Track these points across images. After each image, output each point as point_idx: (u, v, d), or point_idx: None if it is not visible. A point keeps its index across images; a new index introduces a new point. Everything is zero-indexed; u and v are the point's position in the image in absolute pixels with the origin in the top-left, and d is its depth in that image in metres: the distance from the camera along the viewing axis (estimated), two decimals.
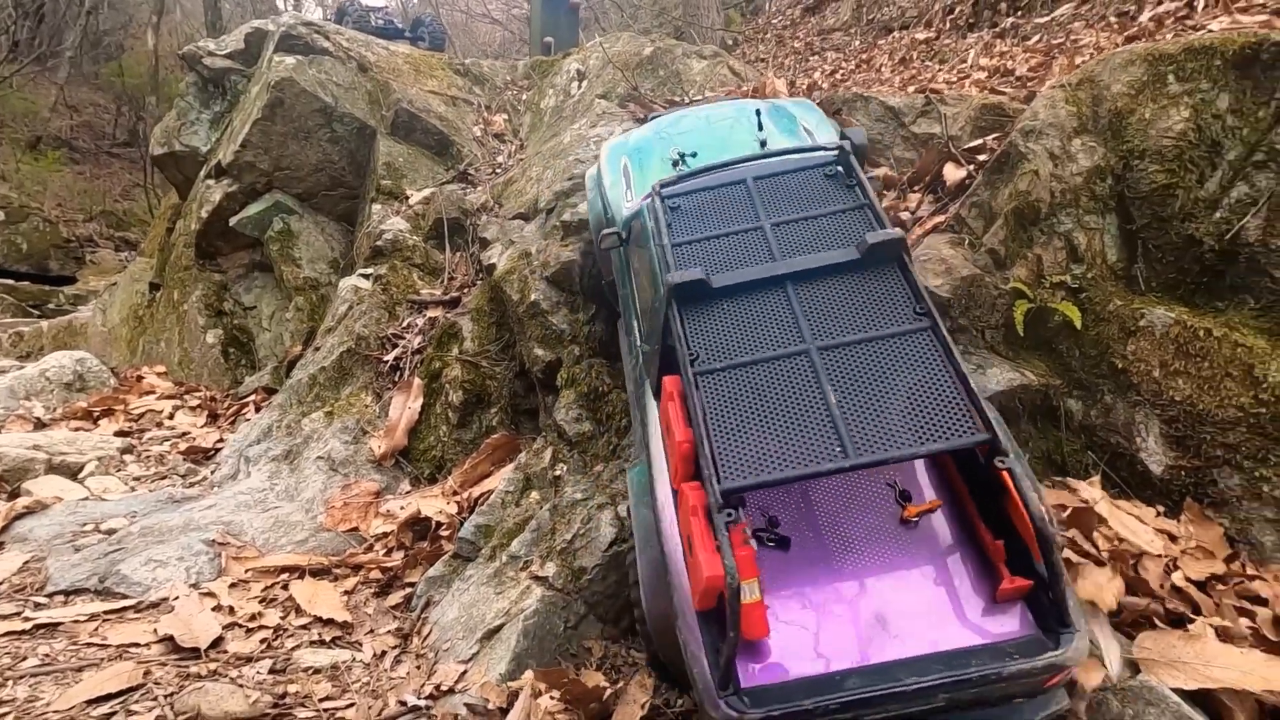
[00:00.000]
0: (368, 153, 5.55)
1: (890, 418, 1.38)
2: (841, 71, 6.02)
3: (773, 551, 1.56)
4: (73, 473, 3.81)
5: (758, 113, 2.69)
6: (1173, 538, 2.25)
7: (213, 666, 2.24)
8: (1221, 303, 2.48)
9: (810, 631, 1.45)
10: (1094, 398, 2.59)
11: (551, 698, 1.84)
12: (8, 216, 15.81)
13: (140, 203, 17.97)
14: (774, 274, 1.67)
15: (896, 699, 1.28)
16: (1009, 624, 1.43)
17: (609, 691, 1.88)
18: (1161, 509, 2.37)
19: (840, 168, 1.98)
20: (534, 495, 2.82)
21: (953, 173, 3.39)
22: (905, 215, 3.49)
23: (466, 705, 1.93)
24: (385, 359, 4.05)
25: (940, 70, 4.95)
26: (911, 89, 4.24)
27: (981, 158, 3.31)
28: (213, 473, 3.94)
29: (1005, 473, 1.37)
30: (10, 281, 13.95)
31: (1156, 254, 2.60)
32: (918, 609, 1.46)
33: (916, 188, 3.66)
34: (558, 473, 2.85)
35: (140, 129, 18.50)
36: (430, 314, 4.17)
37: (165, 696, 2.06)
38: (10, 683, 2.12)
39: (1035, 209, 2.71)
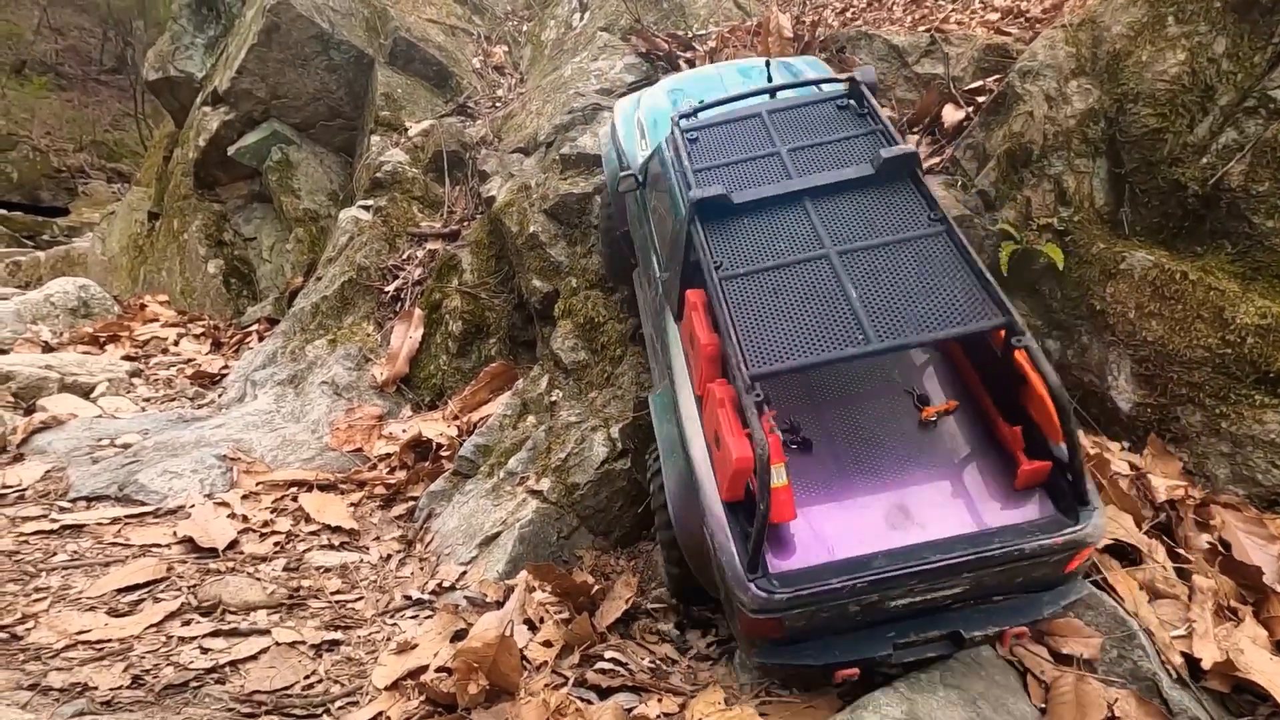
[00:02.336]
0: (366, 83, 5.47)
1: (911, 308, 1.47)
2: (852, 9, 5.89)
3: (797, 455, 1.63)
4: (84, 392, 3.93)
5: (767, 63, 2.76)
6: (1136, 469, 2.39)
7: (230, 564, 2.40)
8: (1200, 247, 2.56)
9: (836, 521, 1.52)
10: (1071, 338, 2.70)
11: (544, 591, 2.00)
12: None
13: (131, 133, 17.57)
14: (791, 190, 1.76)
15: (922, 576, 1.35)
16: (1029, 508, 1.51)
17: (596, 588, 2.04)
18: (1126, 444, 2.51)
19: (851, 100, 2.06)
20: (530, 419, 2.95)
21: (951, 114, 3.41)
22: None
23: (466, 598, 2.10)
24: (386, 289, 4.13)
25: (953, 9, 4.86)
26: (922, 28, 4.19)
27: (981, 99, 3.32)
28: (220, 396, 4.07)
29: (1023, 352, 1.46)
30: (2, 212, 13.80)
31: (1143, 198, 2.66)
32: (940, 499, 1.54)
33: (916, 129, 3.67)
34: (553, 398, 2.97)
35: (128, 55, 17.92)
36: (430, 246, 4.22)
37: (188, 587, 2.22)
38: (44, 574, 2.28)
39: (1027, 151, 2.75)
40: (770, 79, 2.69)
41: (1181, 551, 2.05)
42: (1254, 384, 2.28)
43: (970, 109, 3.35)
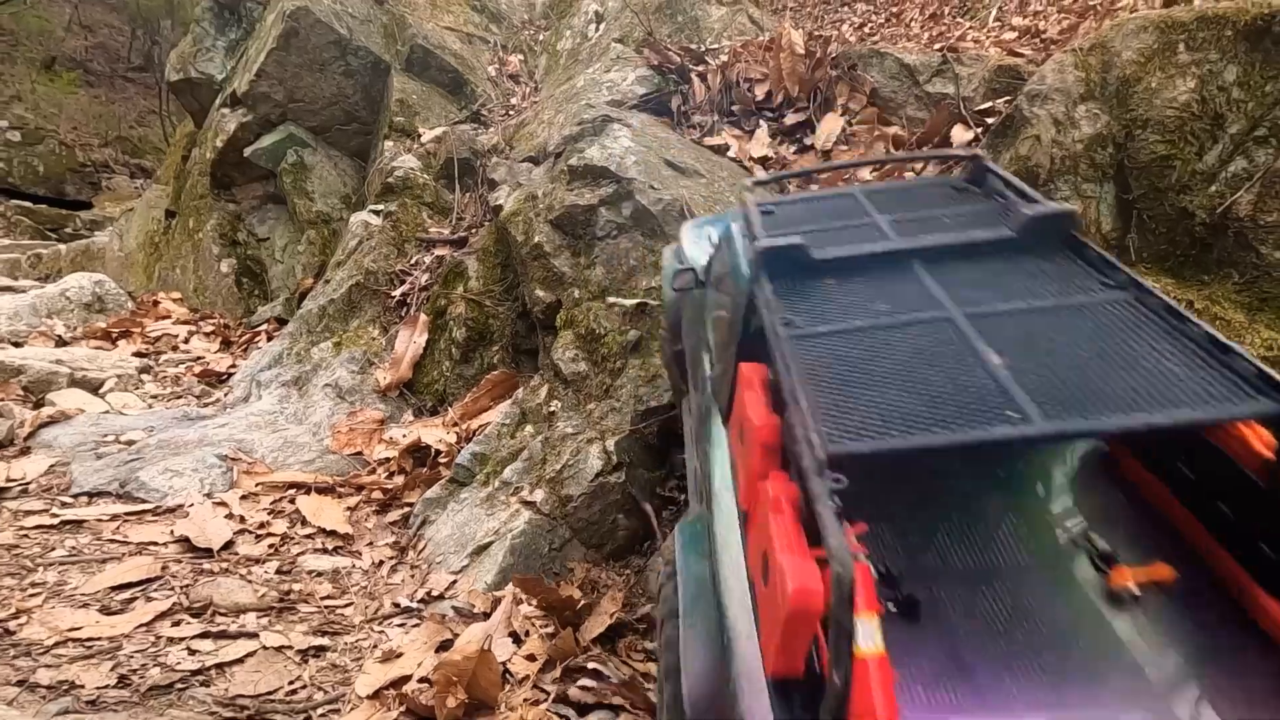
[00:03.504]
0: (382, 88, 5.53)
1: (1100, 383, 0.96)
2: (870, 25, 5.90)
3: (897, 625, 1.09)
4: (93, 388, 3.99)
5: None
6: None
7: (224, 565, 2.42)
8: (1207, 276, 2.52)
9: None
10: None
11: (530, 604, 2.00)
12: (24, 138, 15.83)
13: (155, 129, 17.89)
14: (893, 249, 1.37)
15: None
16: None
17: (582, 602, 2.03)
18: None
19: (972, 184, 1.72)
20: (528, 428, 2.96)
21: (961, 134, 3.40)
22: (911, 175, 3.51)
23: (454, 608, 2.11)
24: (393, 294, 4.16)
25: (970, 27, 4.85)
26: (938, 46, 4.18)
27: (991, 120, 3.30)
28: (225, 395, 4.11)
29: None
30: (28, 204, 14.07)
31: (1150, 225, 2.63)
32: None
33: (925, 148, 3.66)
34: (552, 409, 2.98)
35: (155, 54, 18.27)
36: (438, 252, 4.25)
37: (181, 587, 2.24)
38: (41, 569, 2.31)
39: (1034, 174, 2.73)
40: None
41: None
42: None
43: (980, 130, 3.34)
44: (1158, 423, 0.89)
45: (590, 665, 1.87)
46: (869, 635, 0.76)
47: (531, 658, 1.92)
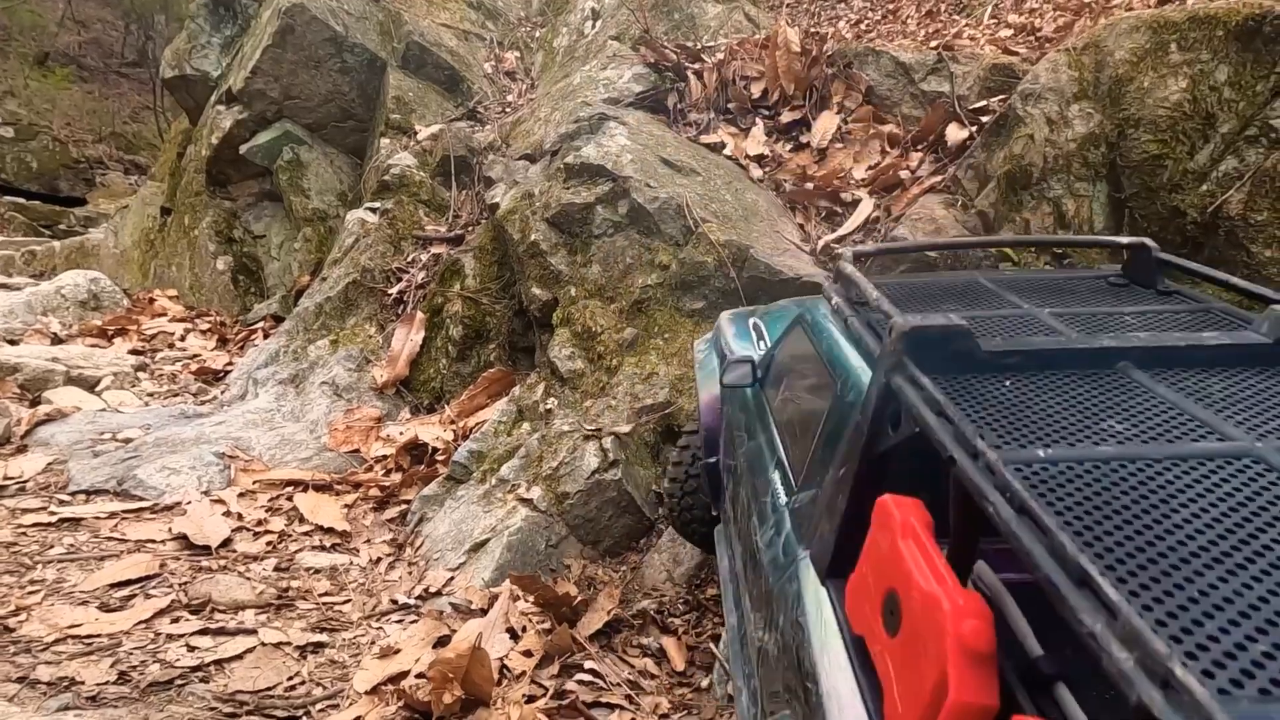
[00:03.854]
0: (378, 85, 5.52)
1: None
2: (866, 22, 5.90)
3: None
4: (89, 386, 3.98)
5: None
6: None
7: (222, 562, 2.43)
8: None
9: None
10: None
11: (528, 600, 2.02)
12: (17, 134, 15.73)
13: (149, 126, 17.80)
14: (1091, 347, 1.06)
15: None
16: None
17: (579, 599, 2.05)
18: None
19: (1128, 278, 1.48)
20: (525, 426, 2.97)
21: (955, 133, 3.41)
22: (905, 174, 3.52)
23: (451, 604, 2.12)
24: (390, 292, 4.17)
25: (966, 25, 4.86)
26: (934, 44, 4.19)
27: (985, 119, 3.32)
28: (222, 392, 4.11)
29: None
30: (21, 200, 14.00)
31: (1142, 223, 2.65)
32: None
33: (920, 147, 3.68)
34: (549, 406, 2.99)
35: (149, 49, 18.16)
36: (434, 250, 4.26)
37: (180, 584, 2.26)
38: (40, 566, 2.32)
39: (1027, 173, 2.75)
40: None
41: None
42: None
43: (974, 129, 3.36)
44: None
45: (588, 664, 1.89)
46: None
47: (528, 654, 1.94)
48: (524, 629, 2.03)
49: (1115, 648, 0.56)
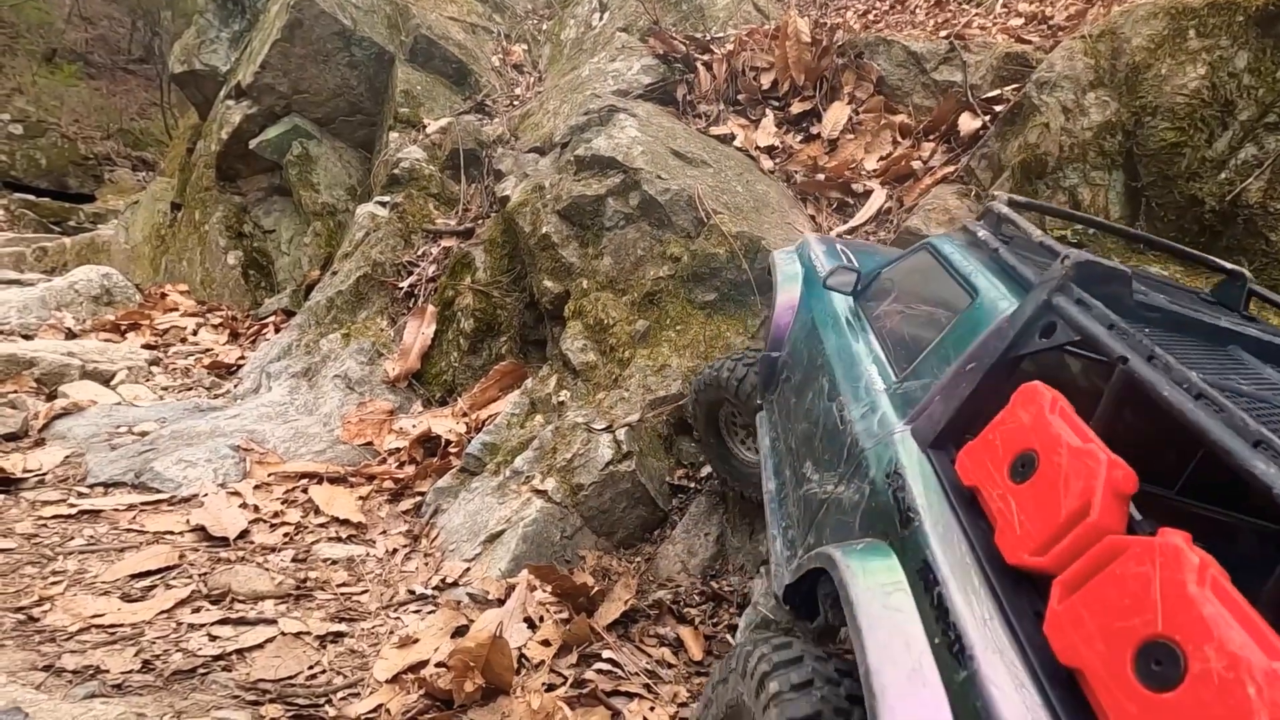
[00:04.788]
0: (386, 79, 5.52)
1: None
2: (875, 12, 5.87)
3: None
4: (104, 380, 4.01)
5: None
6: None
7: (240, 553, 2.45)
8: None
9: None
10: None
11: (545, 590, 2.03)
12: (26, 130, 15.80)
13: (157, 122, 17.86)
14: (1216, 323, 1.28)
15: None
16: None
17: (596, 589, 2.06)
18: None
19: (1222, 301, 1.65)
20: (538, 418, 2.98)
21: (968, 123, 3.39)
22: (917, 164, 3.50)
23: (469, 595, 2.13)
24: (400, 285, 4.18)
25: (975, 14, 4.82)
26: (944, 34, 4.16)
27: (998, 108, 3.29)
28: (236, 386, 4.14)
29: None
30: (31, 197, 14.08)
31: (1159, 212, 2.63)
32: None
33: (932, 136, 3.65)
34: (561, 399, 3.00)
35: (156, 45, 18.21)
36: (445, 243, 4.26)
37: (199, 575, 2.28)
38: (61, 557, 2.35)
39: (1043, 162, 2.73)
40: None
41: None
42: None
43: (987, 118, 3.34)
44: None
45: (606, 654, 1.90)
46: None
47: (546, 643, 1.95)
48: (541, 619, 2.04)
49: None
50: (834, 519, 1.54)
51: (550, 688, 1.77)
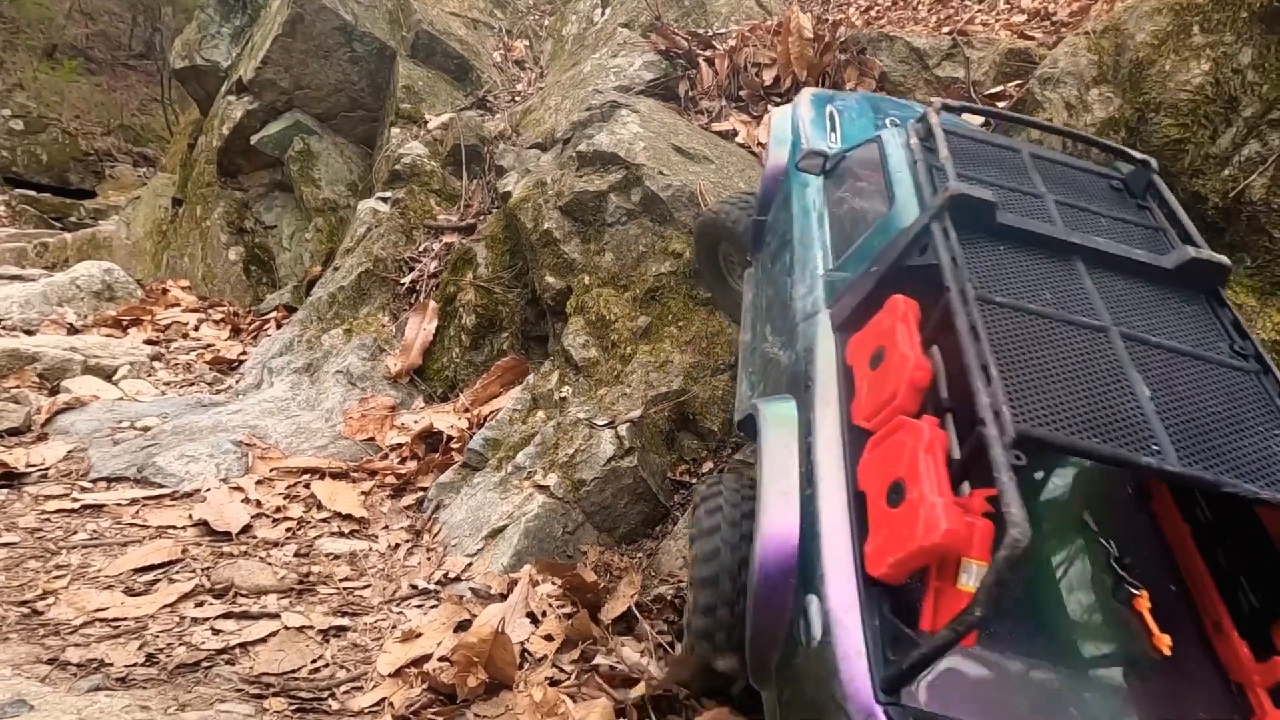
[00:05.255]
0: (387, 75, 5.52)
1: (1226, 445, 1.12)
2: (877, 8, 5.85)
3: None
4: (106, 375, 4.02)
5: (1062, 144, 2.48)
6: None
7: (243, 548, 2.46)
8: None
9: (994, 681, 1.12)
10: None
11: (553, 583, 2.04)
12: (27, 126, 15.79)
13: (158, 118, 17.83)
14: (1063, 239, 1.48)
15: None
16: None
17: (602, 586, 2.07)
18: None
19: (1126, 187, 1.83)
20: (540, 414, 2.98)
21: (971, 120, 3.38)
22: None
23: (471, 589, 2.14)
24: (402, 281, 4.18)
25: (978, 10, 4.81)
26: (945, 30, 4.15)
27: (1002, 104, 3.29)
28: (237, 382, 4.14)
29: None
30: (32, 193, 14.07)
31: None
32: (1135, 705, 1.12)
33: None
34: (563, 394, 3.00)
35: (156, 41, 18.18)
36: (446, 239, 4.26)
37: (202, 569, 2.28)
38: (64, 551, 2.35)
39: None
40: None
41: None
42: None
43: None
44: (1265, 498, 1.07)
45: (609, 648, 1.91)
46: (975, 578, 1.04)
47: (549, 638, 1.95)
48: (544, 613, 2.05)
49: (984, 400, 1.09)
50: (774, 375, 1.84)
51: (554, 682, 1.77)
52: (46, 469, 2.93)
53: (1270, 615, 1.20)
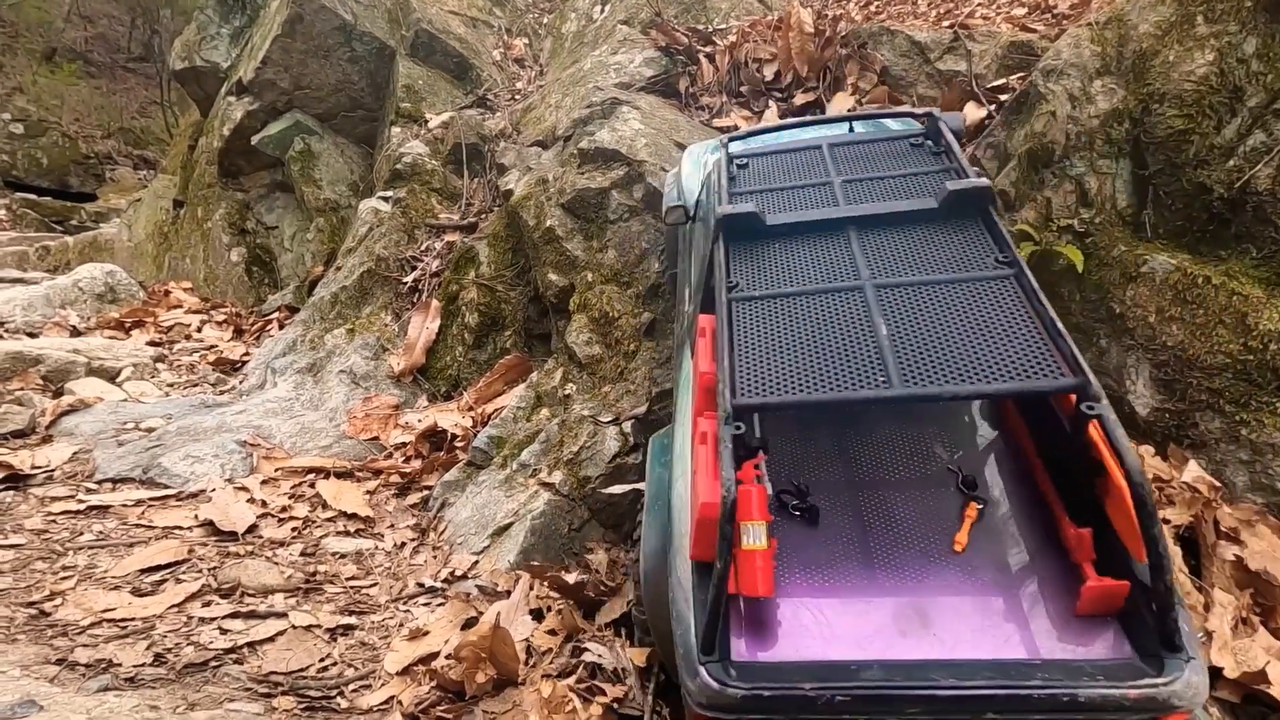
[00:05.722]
0: (387, 74, 5.51)
1: (953, 356, 1.19)
2: (877, 2, 5.83)
3: (798, 525, 1.36)
4: (110, 377, 4.02)
5: (850, 127, 2.59)
6: (1160, 478, 2.35)
7: (249, 548, 2.46)
8: (1225, 251, 2.52)
9: (827, 614, 1.22)
10: (1090, 341, 2.67)
11: (542, 585, 2.04)
12: (27, 130, 15.80)
13: (158, 120, 17.85)
14: (834, 216, 1.58)
15: (928, 703, 1.00)
16: (1096, 643, 1.13)
17: (590, 590, 2.07)
18: (1152, 449, 2.49)
19: (927, 139, 1.89)
20: (544, 412, 2.98)
21: (973, 112, 3.37)
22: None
23: (478, 586, 2.14)
24: (404, 280, 4.17)
25: (979, 3, 4.79)
26: (946, 23, 4.14)
27: (1004, 97, 3.28)
28: (241, 382, 4.14)
29: (1097, 427, 1.12)
30: (32, 196, 14.08)
31: (1166, 200, 2.62)
32: (974, 612, 1.20)
33: (878, 107, 3.63)
34: (567, 392, 3.00)
35: (155, 43, 18.19)
36: (448, 238, 4.26)
37: (209, 569, 2.29)
38: (71, 552, 2.36)
39: (1049, 151, 2.72)
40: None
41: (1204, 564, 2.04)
42: (1275, 391, 2.25)
43: (992, 107, 3.32)
44: (984, 392, 1.13)
45: (593, 644, 1.90)
46: (756, 536, 1.16)
47: (553, 632, 1.96)
48: (548, 609, 2.05)
49: (720, 383, 1.25)
50: (683, 347, 2.05)
51: (562, 674, 1.77)
52: (52, 471, 2.93)
53: (1080, 497, 1.30)
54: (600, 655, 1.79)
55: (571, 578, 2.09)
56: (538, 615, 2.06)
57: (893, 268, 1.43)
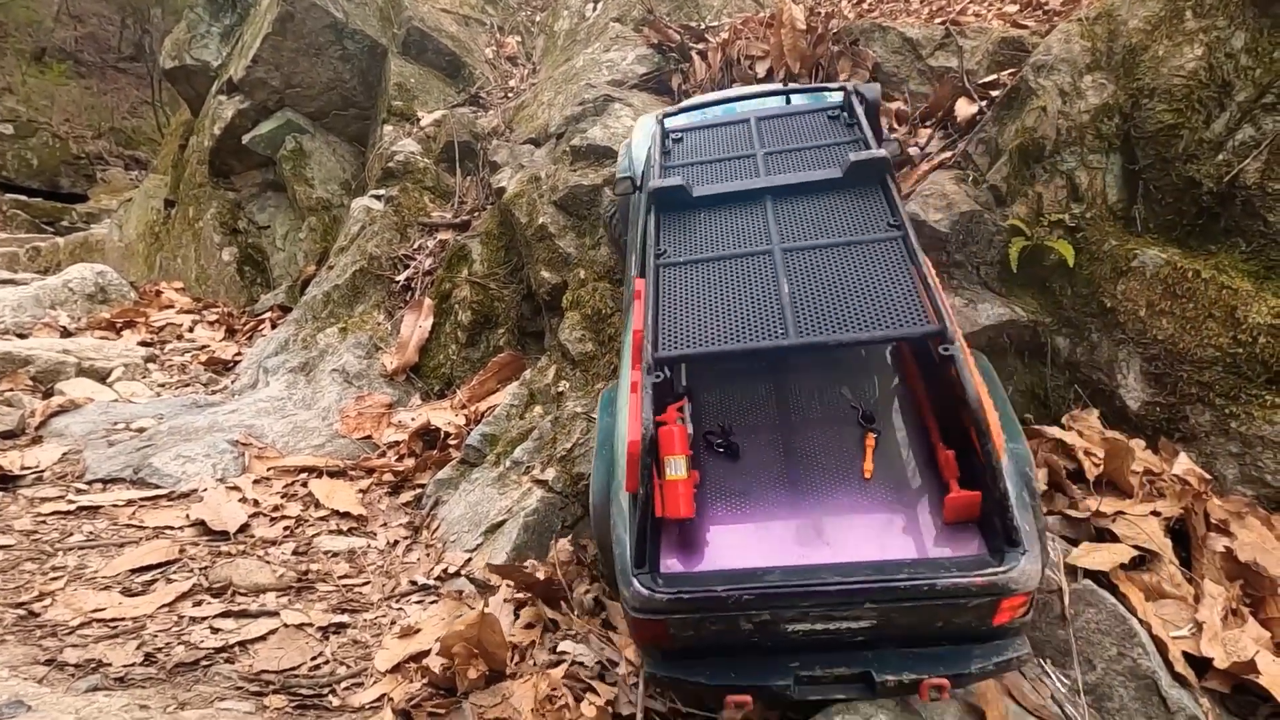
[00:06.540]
0: (379, 72, 5.49)
1: (842, 310, 1.41)
2: (869, 1, 5.83)
3: (720, 460, 1.58)
4: (101, 377, 4.00)
5: (787, 98, 2.74)
6: (1151, 471, 2.35)
7: (241, 547, 2.45)
8: (1214, 245, 2.53)
9: (747, 532, 1.44)
10: (1081, 335, 2.68)
11: (508, 586, 2.04)
12: (16, 131, 15.68)
13: (148, 120, 17.74)
14: (753, 187, 1.76)
15: (815, 598, 1.25)
16: (960, 544, 1.37)
17: (556, 582, 2.06)
18: (1143, 443, 2.49)
19: (844, 111, 2.05)
20: (537, 409, 2.98)
21: (965, 108, 3.38)
22: (915, 150, 3.49)
23: (470, 581, 2.13)
24: (397, 279, 4.16)
25: (970, 1, 4.80)
26: (938, 20, 4.14)
27: (995, 93, 3.28)
28: (233, 382, 4.12)
29: (948, 361, 1.34)
30: (23, 197, 13.98)
31: (1156, 195, 2.63)
32: (863, 523, 1.43)
33: (929, 123, 3.64)
34: (560, 389, 2.99)
35: (146, 42, 18.08)
36: (441, 236, 4.25)
37: (200, 569, 2.27)
38: (61, 553, 2.34)
39: (1040, 146, 2.72)
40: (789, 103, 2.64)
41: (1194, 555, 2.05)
42: (1265, 384, 2.26)
43: (984, 103, 3.32)
44: (859, 339, 1.35)
45: (568, 642, 1.90)
46: (677, 468, 1.37)
47: (530, 626, 1.95)
48: (521, 606, 2.04)
49: (649, 339, 1.45)
50: (629, 309, 2.09)
51: (551, 665, 1.77)
52: (41, 471, 2.91)
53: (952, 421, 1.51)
54: (580, 654, 1.79)
55: (542, 573, 2.08)
56: (517, 610, 2.05)
57: (799, 232, 1.63)
